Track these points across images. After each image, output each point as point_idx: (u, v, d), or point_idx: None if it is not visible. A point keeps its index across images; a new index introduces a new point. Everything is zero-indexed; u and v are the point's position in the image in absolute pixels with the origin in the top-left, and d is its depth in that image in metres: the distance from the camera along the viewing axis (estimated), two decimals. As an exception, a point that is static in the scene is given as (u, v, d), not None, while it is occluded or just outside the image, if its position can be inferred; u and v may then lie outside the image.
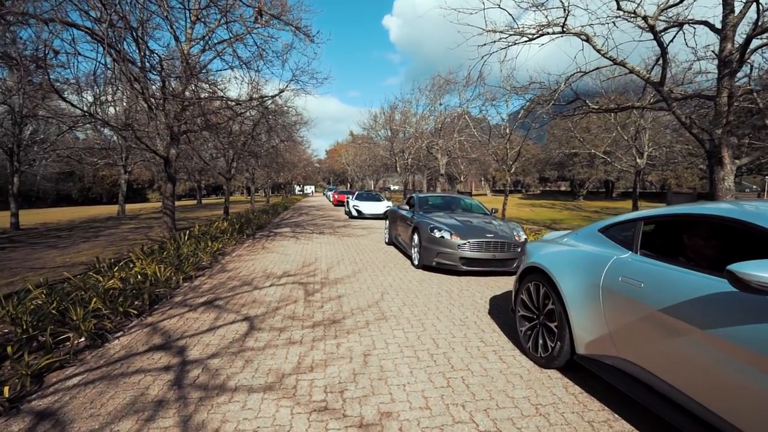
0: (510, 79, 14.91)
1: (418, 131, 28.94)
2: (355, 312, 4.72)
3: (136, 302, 5.24)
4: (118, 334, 4.23)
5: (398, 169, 33.72)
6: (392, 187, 63.85)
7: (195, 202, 45.82)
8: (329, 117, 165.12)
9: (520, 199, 47.24)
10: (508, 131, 17.52)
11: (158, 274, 6.25)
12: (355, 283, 6.20)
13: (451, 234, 6.58)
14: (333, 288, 5.88)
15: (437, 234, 6.69)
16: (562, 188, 68.26)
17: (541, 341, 3.21)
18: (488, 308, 4.91)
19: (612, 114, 23.80)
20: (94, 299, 4.88)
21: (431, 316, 4.56)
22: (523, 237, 6.89)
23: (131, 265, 6.94)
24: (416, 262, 7.28)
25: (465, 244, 6.42)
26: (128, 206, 38.50)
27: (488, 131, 22.72)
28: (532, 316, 3.40)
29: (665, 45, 8.21)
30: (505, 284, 6.21)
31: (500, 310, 4.85)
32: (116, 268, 6.71)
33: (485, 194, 60.52)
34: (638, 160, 23.70)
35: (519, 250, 6.65)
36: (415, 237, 7.38)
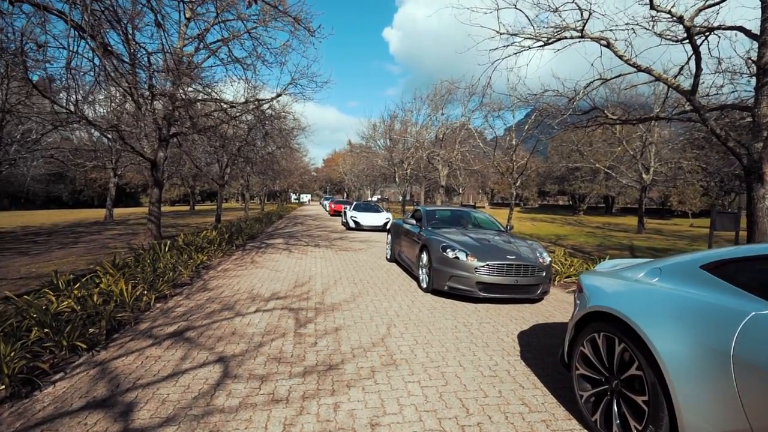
0: (518, 88, 14.21)
1: (419, 141, 28.23)
2: (357, 353, 3.82)
3: (91, 330, 4.32)
4: (56, 378, 3.32)
5: (397, 179, 32.96)
6: (378, 197, 62.22)
7: (188, 208, 44.77)
8: (328, 126, 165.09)
9: (519, 213, 46.56)
10: (514, 142, 16.80)
11: (125, 294, 5.33)
12: (355, 310, 5.30)
13: (466, 255, 5.72)
14: (329, 317, 4.98)
15: (450, 254, 5.82)
16: (560, 202, 67.80)
17: (617, 418, 2.33)
18: (518, 349, 4.03)
19: (617, 128, 23.26)
20: (35, 329, 3.97)
21: (452, 361, 3.67)
22: (548, 259, 6.04)
23: (97, 281, 6.03)
24: (424, 285, 6.40)
25: (483, 266, 5.55)
26: (119, 210, 37.42)
27: (493, 142, 22.03)
28: (599, 379, 2.53)
29: (699, 48, 7.47)
30: (530, 314, 5.35)
31: (534, 352, 3.97)
32: (77, 285, 5.79)
33: (484, 207, 59.86)
34: (644, 176, 23.08)
35: (543, 274, 5.79)
36: (424, 256, 6.51)
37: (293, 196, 76.15)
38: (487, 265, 5.55)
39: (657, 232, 24.27)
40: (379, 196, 59.61)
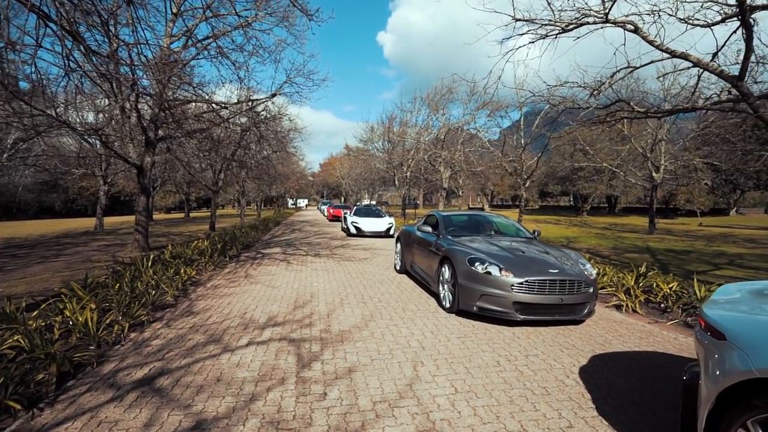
0: (529, 82, 13.36)
1: (419, 142, 27.33)
2: (381, 410, 2.89)
3: (40, 376, 3.40)
4: (-30, 461, 2.39)
5: (396, 182, 32.06)
6: (373, 202, 60.14)
7: (183, 215, 43.77)
8: (324, 131, 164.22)
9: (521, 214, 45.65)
10: (522, 141, 15.95)
11: (90, 325, 4.39)
12: (370, 340, 4.36)
13: (500, 269, 4.79)
14: (339, 351, 4.04)
15: (480, 268, 4.90)
16: (561, 203, 67.06)
17: None
18: (589, 398, 3.11)
19: (626, 125, 22.44)
20: (-44, 384, 3.03)
21: (510, 421, 2.74)
22: (594, 273, 5.13)
23: (61, 307, 5.08)
24: (447, 305, 5.46)
25: (522, 283, 4.63)
26: (111, 219, 36.38)
27: (494, 142, 21.20)
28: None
29: (750, 25, 6.58)
30: (579, 340, 4.43)
31: (612, 402, 3.05)
32: (35, 312, 4.86)
33: (483, 208, 59.04)
34: (654, 174, 22.24)
35: (590, 290, 4.87)
36: (445, 270, 5.58)
37: (290, 201, 75.24)
38: (527, 281, 4.63)
39: (668, 233, 23.43)
40: (373, 202, 58.11)
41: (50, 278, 8.39)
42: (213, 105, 13.12)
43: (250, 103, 13.92)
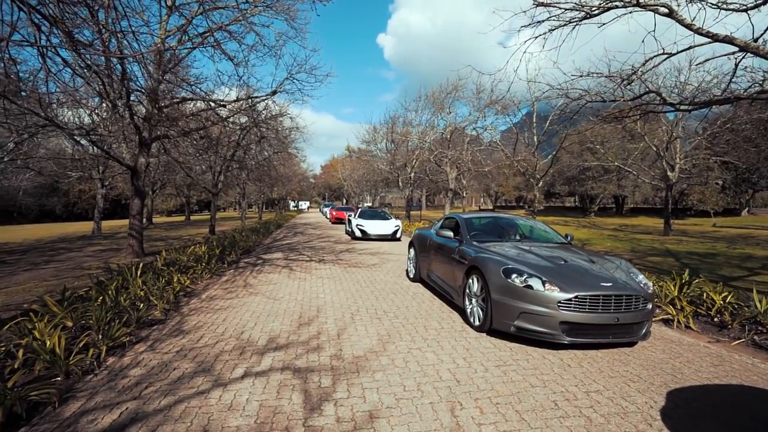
0: (545, 75, 12.62)
1: (424, 142, 26.55)
2: (419, 483, 2.16)
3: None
4: None
5: (400, 183, 31.31)
6: (369, 204, 58.34)
7: (184, 218, 43.13)
8: (324, 133, 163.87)
9: (527, 215, 44.81)
10: (536, 140, 15.19)
11: (58, 351, 3.68)
12: (391, 370, 3.62)
13: (543, 282, 4.04)
14: (355, 386, 3.30)
15: (518, 281, 4.15)
16: (567, 204, 66.20)
17: None
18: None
19: (639, 123, 21.67)
20: None
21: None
22: (650, 285, 4.37)
23: (30, 326, 4.37)
24: (476, 322, 4.71)
25: (570, 299, 3.88)
26: (111, 223, 35.81)
27: (513, 141, 20.42)
28: None
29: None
30: (642, 368, 3.68)
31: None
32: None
33: (493, 210, 58.20)
34: (669, 174, 21.45)
35: (649, 307, 4.12)
36: (473, 282, 4.83)
37: (291, 204, 74.53)
38: (576, 297, 3.87)
39: (683, 234, 22.63)
40: (369, 204, 57.00)
41: (34, 288, 7.73)
42: (211, 103, 12.46)
43: (249, 101, 13.24)
